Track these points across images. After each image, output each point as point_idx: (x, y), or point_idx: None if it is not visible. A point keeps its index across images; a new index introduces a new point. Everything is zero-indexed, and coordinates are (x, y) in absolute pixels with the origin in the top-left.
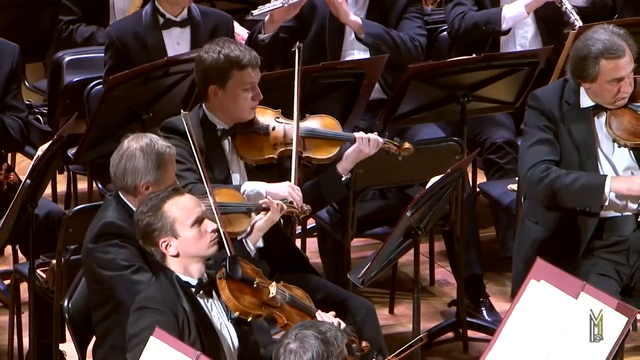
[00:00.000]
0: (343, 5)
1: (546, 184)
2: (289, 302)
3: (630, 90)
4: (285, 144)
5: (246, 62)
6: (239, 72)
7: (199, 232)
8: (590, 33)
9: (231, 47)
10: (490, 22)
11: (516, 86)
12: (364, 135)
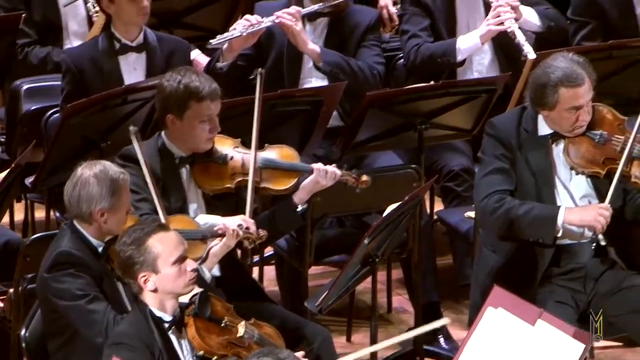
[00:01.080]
0: (301, 34)
1: (499, 215)
2: (257, 342)
3: (589, 118)
4: (243, 174)
5: (205, 94)
6: (197, 104)
7: (180, 271)
8: (550, 61)
9: (192, 77)
10: (446, 54)
11: (474, 113)
12: (322, 167)
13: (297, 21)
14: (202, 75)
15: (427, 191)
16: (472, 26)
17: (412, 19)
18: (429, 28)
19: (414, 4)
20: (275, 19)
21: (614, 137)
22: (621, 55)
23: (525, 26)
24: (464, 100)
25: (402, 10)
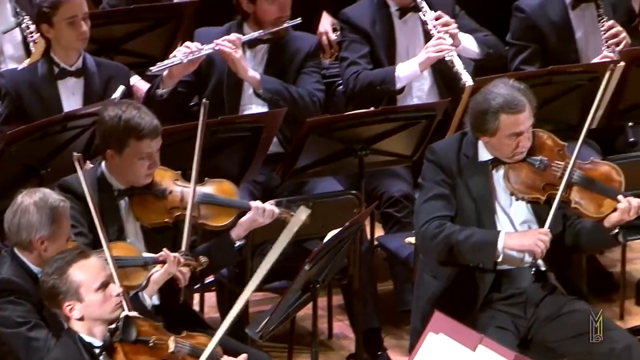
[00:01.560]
0: (241, 62)
1: (440, 240)
2: (190, 354)
3: (529, 144)
4: (181, 208)
5: (145, 132)
6: (137, 142)
7: (104, 296)
8: (490, 87)
9: (133, 113)
10: (385, 81)
11: (413, 139)
12: (260, 205)
13: (237, 48)
14: (143, 111)
15: (367, 217)
16: (412, 53)
17: (352, 46)
18: (368, 55)
19: (353, 31)
20: (215, 47)
21: (554, 163)
22: (561, 80)
23: (464, 53)
24: (403, 126)
25: (342, 37)
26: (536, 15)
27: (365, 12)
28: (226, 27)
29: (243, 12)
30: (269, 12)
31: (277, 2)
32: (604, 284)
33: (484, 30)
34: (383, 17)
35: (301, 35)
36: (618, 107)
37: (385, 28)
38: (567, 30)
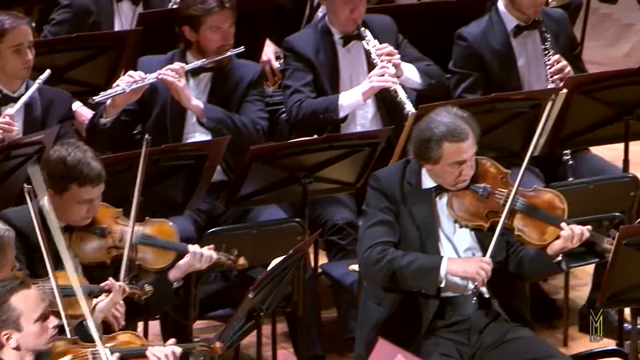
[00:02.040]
0: (185, 91)
1: (382, 265)
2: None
3: (472, 172)
4: (120, 248)
5: (88, 180)
6: (78, 189)
7: (42, 328)
8: (434, 115)
9: (78, 157)
10: (328, 110)
11: (357, 167)
12: (198, 251)
13: (180, 77)
14: (89, 155)
15: (311, 245)
16: (355, 81)
17: (295, 74)
18: (311, 83)
19: (297, 59)
20: (159, 76)
21: (497, 191)
22: (504, 108)
23: (407, 84)
24: (347, 153)
25: (285, 65)
26: (478, 43)
27: (309, 40)
28: (169, 56)
29: (186, 40)
30: (212, 40)
31: (220, 31)
32: (548, 311)
33: (426, 60)
34: (326, 45)
35: (244, 63)
36: (560, 134)
37: (328, 56)
38: (509, 59)
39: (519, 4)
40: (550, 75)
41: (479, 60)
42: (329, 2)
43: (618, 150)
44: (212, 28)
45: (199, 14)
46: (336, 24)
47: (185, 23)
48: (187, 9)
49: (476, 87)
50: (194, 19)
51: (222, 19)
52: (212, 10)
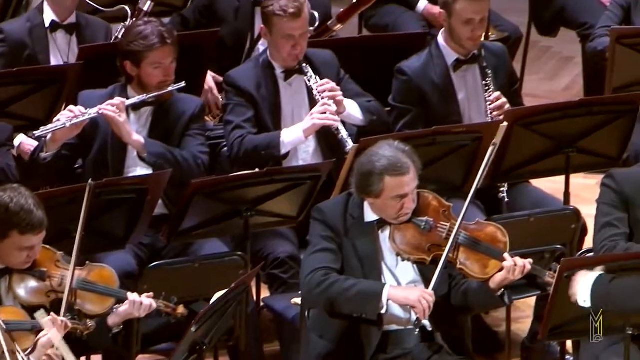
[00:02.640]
0: (125, 126)
1: (324, 288)
2: None
3: (414, 206)
4: (59, 292)
5: (30, 228)
6: (20, 236)
7: None
8: (375, 149)
9: (21, 203)
10: (270, 147)
11: (299, 200)
12: (137, 299)
13: (121, 113)
14: (32, 202)
15: (253, 278)
16: (297, 116)
17: (236, 109)
18: (252, 119)
19: (238, 94)
20: (99, 111)
21: (439, 224)
22: (445, 141)
23: (348, 120)
24: (289, 187)
25: (227, 99)
26: (418, 77)
27: (250, 75)
28: (110, 90)
29: (127, 75)
30: (153, 76)
31: (161, 67)
32: (490, 343)
33: (367, 96)
34: (268, 80)
35: (185, 97)
36: (501, 167)
37: (270, 90)
38: (449, 92)
39: (458, 37)
40: (490, 111)
41: (419, 94)
42: (271, 38)
43: (559, 183)
44: (154, 64)
45: (141, 50)
46: (278, 59)
47: (126, 58)
48: (129, 44)
49: (416, 122)
50: (136, 55)
51: (164, 55)
52: (153, 46)
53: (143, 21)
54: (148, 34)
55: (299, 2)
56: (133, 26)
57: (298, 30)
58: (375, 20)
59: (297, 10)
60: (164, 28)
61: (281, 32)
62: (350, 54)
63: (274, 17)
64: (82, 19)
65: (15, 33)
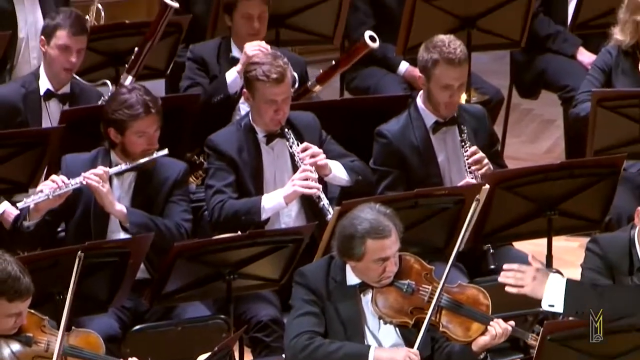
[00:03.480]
0: (108, 196)
1: (309, 352)
2: None
3: (396, 269)
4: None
5: (18, 295)
6: (7, 303)
7: None
8: (357, 212)
9: (7, 270)
10: (250, 212)
11: (281, 263)
12: None
13: (104, 183)
14: (17, 268)
15: (236, 342)
16: (279, 179)
17: (217, 173)
18: (234, 184)
19: (219, 158)
20: (83, 181)
21: (421, 287)
22: (426, 204)
23: (334, 181)
24: (271, 250)
25: (208, 163)
26: (398, 140)
27: (232, 139)
28: (94, 154)
29: (111, 141)
30: (137, 144)
31: (145, 136)
32: None
33: (351, 156)
34: (250, 144)
35: (169, 161)
36: (482, 230)
37: (252, 154)
38: (429, 154)
39: (435, 101)
40: (467, 166)
41: (399, 157)
42: (253, 102)
43: (541, 246)
44: (138, 133)
45: (125, 119)
46: (260, 123)
47: (110, 125)
48: (113, 112)
49: (397, 184)
50: (120, 123)
51: (148, 124)
52: (138, 116)
53: (127, 89)
54: (133, 102)
55: (282, 67)
56: (117, 93)
57: (281, 95)
58: (357, 83)
59: (280, 75)
60: (148, 97)
61: (264, 97)
62: (332, 116)
63: (257, 82)
64: (77, 87)
65: (9, 98)
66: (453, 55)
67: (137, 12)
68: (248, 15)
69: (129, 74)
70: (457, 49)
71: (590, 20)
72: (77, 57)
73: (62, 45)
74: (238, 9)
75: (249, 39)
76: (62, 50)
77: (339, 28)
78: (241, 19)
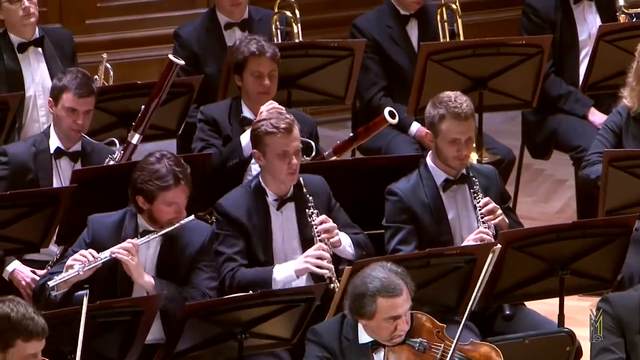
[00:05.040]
0: (138, 269)
1: None
2: None
3: (407, 327)
4: None
5: (34, 334)
6: (23, 344)
7: None
8: (368, 270)
9: (21, 312)
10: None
11: (293, 322)
12: None
13: (133, 256)
14: (30, 309)
15: None
16: (287, 244)
17: (227, 240)
18: (244, 250)
19: (229, 223)
20: (112, 255)
21: (434, 345)
22: (438, 263)
23: (342, 254)
24: (283, 309)
25: (217, 228)
26: (408, 197)
27: (241, 202)
28: (120, 215)
29: (138, 207)
30: (165, 213)
31: (174, 206)
32: None
33: (355, 227)
34: (259, 207)
35: (194, 225)
36: (494, 289)
37: (261, 218)
38: (439, 212)
39: (444, 156)
40: (480, 216)
41: (410, 213)
42: (265, 160)
43: (553, 305)
44: (167, 203)
45: (155, 190)
46: (272, 184)
47: (139, 194)
48: (143, 183)
49: (410, 238)
50: (149, 193)
51: (178, 194)
52: (168, 187)
53: (156, 157)
54: (163, 174)
55: (289, 119)
56: (147, 163)
57: (292, 146)
58: (368, 143)
59: (289, 125)
60: (178, 168)
61: (275, 150)
62: (342, 176)
63: (266, 136)
64: (88, 145)
65: (19, 156)
66: (459, 110)
67: (147, 72)
68: (258, 73)
69: (135, 132)
70: (462, 103)
71: (602, 81)
72: (84, 119)
73: (69, 107)
74: (248, 68)
75: (259, 97)
76: (69, 113)
77: (351, 88)
78: (251, 77)
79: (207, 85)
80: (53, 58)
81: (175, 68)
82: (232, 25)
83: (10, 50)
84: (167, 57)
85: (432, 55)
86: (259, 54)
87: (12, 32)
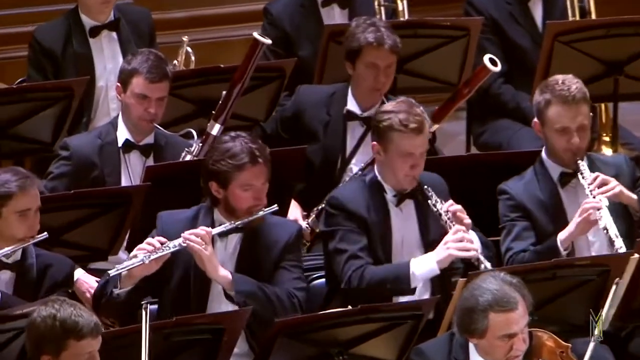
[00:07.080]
0: (212, 260)
1: None
2: None
3: (525, 347)
4: None
5: (86, 331)
6: (77, 343)
7: None
8: (479, 282)
9: (68, 311)
10: (398, 280)
11: (398, 342)
12: None
13: (207, 245)
14: (79, 307)
15: None
16: (407, 245)
17: (348, 236)
18: (367, 247)
19: (348, 218)
20: (183, 242)
21: None
22: (565, 275)
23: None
24: (386, 327)
25: (333, 224)
26: (521, 196)
27: (359, 197)
28: (194, 211)
29: (213, 197)
30: (242, 199)
31: (252, 189)
32: None
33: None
34: (377, 203)
35: (280, 221)
36: (632, 305)
37: (380, 216)
38: (557, 210)
39: (553, 148)
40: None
41: (524, 210)
42: (385, 156)
43: None
44: (243, 186)
45: (228, 170)
46: (390, 180)
47: (211, 178)
48: (215, 163)
49: (525, 234)
50: (223, 175)
51: (255, 175)
52: (243, 166)
53: (230, 136)
54: (237, 151)
55: (420, 115)
56: (219, 142)
57: (419, 148)
58: (486, 138)
59: (420, 124)
60: (255, 145)
61: (399, 150)
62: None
63: (392, 133)
64: (161, 137)
65: (83, 150)
66: (567, 93)
67: (231, 54)
68: (374, 65)
69: (216, 122)
70: (572, 86)
71: None
72: (156, 107)
73: (139, 94)
74: (362, 57)
75: (371, 93)
76: (139, 100)
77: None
78: (366, 69)
79: (301, 69)
80: (129, 43)
81: (262, 48)
82: (330, 2)
83: (81, 34)
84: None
85: (559, 35)
86: (377, 45)
87: (85, 14)
